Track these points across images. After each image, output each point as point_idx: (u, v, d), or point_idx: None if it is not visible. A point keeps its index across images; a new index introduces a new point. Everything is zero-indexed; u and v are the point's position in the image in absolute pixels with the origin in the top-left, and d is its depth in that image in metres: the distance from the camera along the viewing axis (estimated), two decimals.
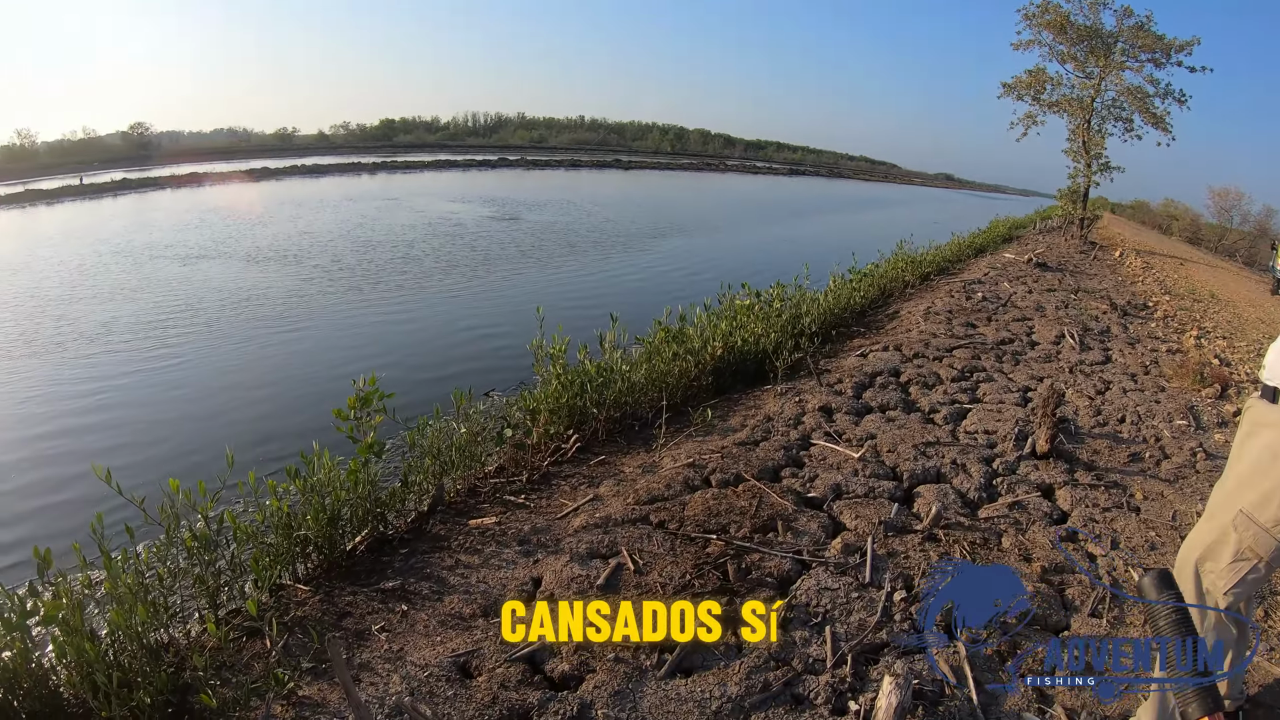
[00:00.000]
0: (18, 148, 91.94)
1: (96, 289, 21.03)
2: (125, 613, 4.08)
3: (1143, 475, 7.57)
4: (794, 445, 7.63)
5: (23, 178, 66.89)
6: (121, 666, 3.98)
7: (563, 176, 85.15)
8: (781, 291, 12.49)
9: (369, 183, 68.03)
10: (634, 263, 27.72)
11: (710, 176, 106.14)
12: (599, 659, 4.33)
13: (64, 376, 13.52)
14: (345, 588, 5.26)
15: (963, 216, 56.09)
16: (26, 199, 52.42)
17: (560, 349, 8.10)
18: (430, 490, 6.50)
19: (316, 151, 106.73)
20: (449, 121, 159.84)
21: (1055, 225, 39.80)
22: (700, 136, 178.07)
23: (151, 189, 60.37)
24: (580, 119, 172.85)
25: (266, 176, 70.14)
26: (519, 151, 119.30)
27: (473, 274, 23.58)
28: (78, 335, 15.97)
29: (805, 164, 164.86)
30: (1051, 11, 34.47)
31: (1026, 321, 14.63)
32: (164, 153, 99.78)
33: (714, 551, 5.42)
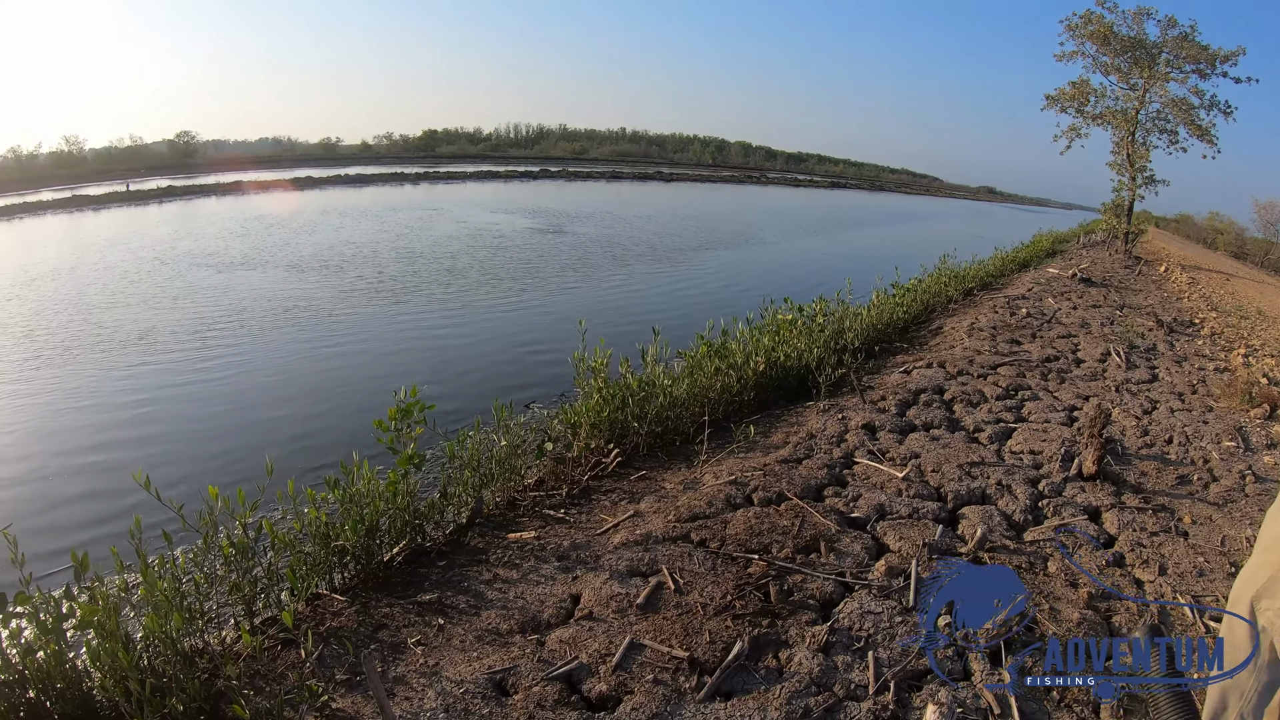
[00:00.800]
0: (66, 154, 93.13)
1: (140, 295, 21.22)
2: (160, 619, 4.07)
3: (1191, 498, 7.42)
4: (837, 463, 7.55)
5: (71, 183, 67.92)
6: (155, 672, 3.98)
7: (604, 188, 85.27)
8: (824, 306, 12.42)
9: (411, 192, 68.46)
10: (676, 275, 27.65)
11: (751, 189, 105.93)
12: (637, 680, 4.26)
13: (105, 382, 13.62)
14: (382, 599, 5.23)
15: (1006, 230, 55.67)
16: (74, 204, 53.07)
17: (602, 362, 8.06)
18: (469, 503, 6.48)
19: (360, 161, 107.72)
20: (491, 132, 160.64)
21: (1099, 239, 39.37)
22: (741, 149, 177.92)
23: (197, 196, 61.00)
24: (621, 131, 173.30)
25: (310, 185, 70.71)
26: (560, 163, 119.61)
27: (515, 286, 23.59)
28: (120, 341, 16.10)
29: (846, 177, 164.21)
30: (1094, 22, 34.07)
31: (1071, 338, 14.45)
32: (209, 160, 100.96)
33: (756, 572, 5.34)
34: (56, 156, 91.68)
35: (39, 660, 3.96)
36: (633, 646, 4.49)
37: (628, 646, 4.47)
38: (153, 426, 11.47)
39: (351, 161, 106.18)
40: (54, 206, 51.61)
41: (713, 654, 4.44)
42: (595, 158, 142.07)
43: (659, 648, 4.47)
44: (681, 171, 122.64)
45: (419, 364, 14.76)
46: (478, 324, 18.61)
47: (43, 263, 26.68)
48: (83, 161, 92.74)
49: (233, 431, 11.25)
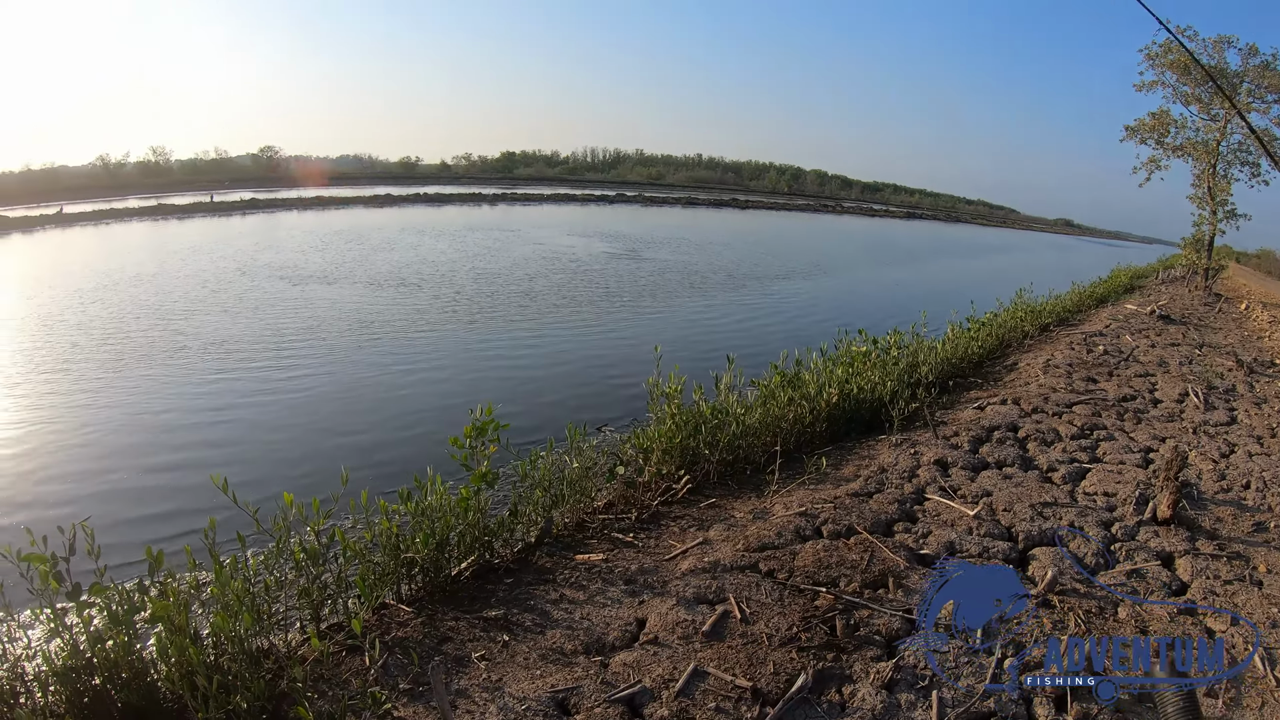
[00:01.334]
0: (153, 164, 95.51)
1: (220, 304, 21.79)
2: (230, 618, 4.17)
3: (1267, 546, 7.21)
4: (908, 499, 7.48)
5: (157, 193, 69.57)
6: (220, 669, 4.07)
7: (680, 214, 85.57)
8: (899, 339, 12.35)
9: (489, 213, 69.26)
10: (751, 304, 27.63)
11: (826, 218, 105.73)
12: (699, 707, 4.25)
13: (183, 388, 13.99)
14: (448, 612, 5.29)
15: (1083, 264, 54.99)
16: (159, 212, 54.43)
17: (676, 388, 8.05)
18: (539, 522, 6.53)
19: (438, 181, 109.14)
20: (568, 156, 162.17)
21: (1178, 275, 38.68)
22: (817, 177, 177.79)
23: (279, 209, 62.30)
24: (698, 157, 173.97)
25: (390, 203, 71.82)
26: (637, 188, 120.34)
27: (590, 310, 23.76)
28: (199, 349, 16.54)
29: (922, 207, 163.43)
30: (1175, 51, 33.40)
31: (1149, 378, 14.21)
32: (291, 175, 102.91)
33: (823, 605, 5.31)
34: (144, 166, 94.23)
35: (107, 649, 4.07)
36: (696, 674, 4.48)
37: (691, 673, 4.46)
38: (228, 433, 11.71)
39: (430, 181, 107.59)
40: (140, 214, 52.96)
41: (776, 685, 4.42)
42: (671, 183, 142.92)
43: (722, 676, 4.46)
44: (757, 199, 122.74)
45: (493, 384, 14.89)
46: (553, 346, 18.77)
47: (126, 268, 27.40)
48: (169, 171, 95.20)
49: (306, 442, 11.44)
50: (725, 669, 4.53)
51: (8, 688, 4.01)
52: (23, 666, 4.15)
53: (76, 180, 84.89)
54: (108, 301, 21.45)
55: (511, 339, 19.25)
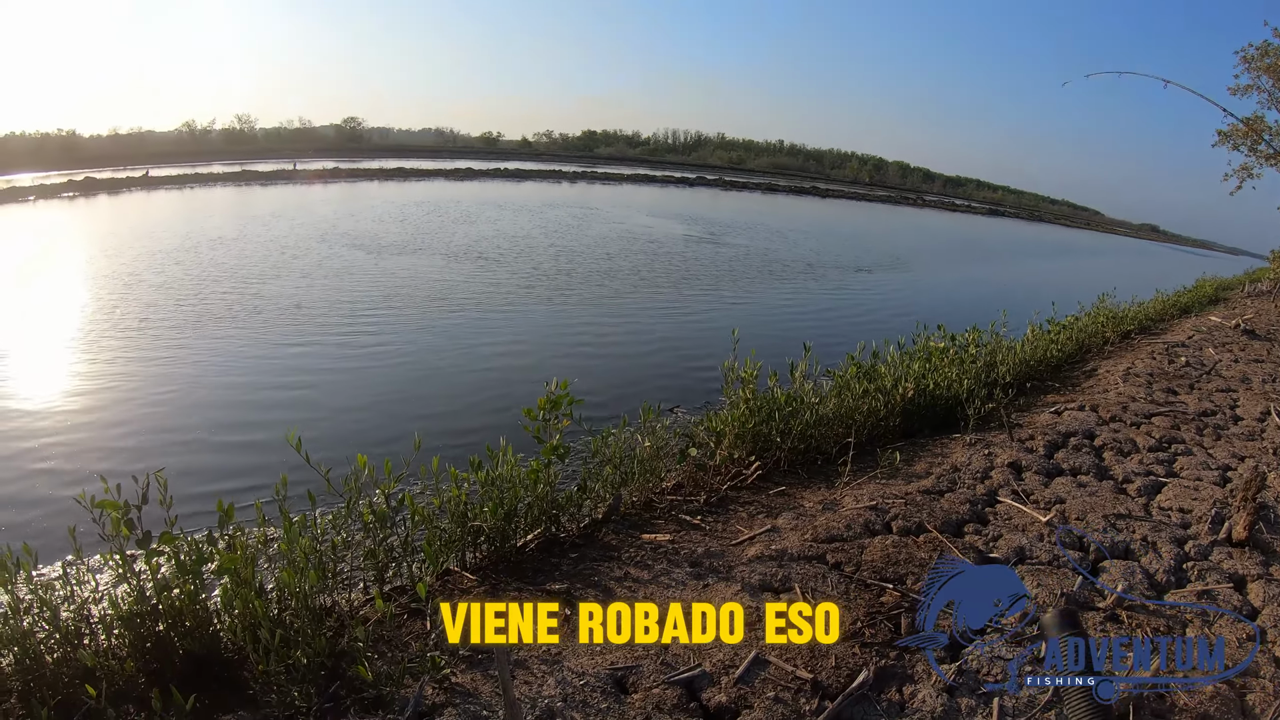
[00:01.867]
0: (237, 131, 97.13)
1: (299, 269, 22.19)
2: (296, 574, 4.23)
3: None
4: (979, 500, 7.37)
5: (241, 159, 71.04)
6: (284, 624, 4.14)
7: (759, 200, 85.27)
8: (977, 336, 12.17)
9: (568, 190, 69.51)
10: (828, 294, 27.49)
11: (907, 211, 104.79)
12: (758, 695, 4.23)
13: (259, 350, 14.25)
14: (511, 582, 5.35)
15: (1167, 272, 54.00)
16: (243, 179, 55.38)
17: (752, 374, 8.03)
18: (607, 499, 6.54)
19: (519, 157, 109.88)
20: (649, 137, 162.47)
21: (1265, 289, 37.53)
22: (899, 169, 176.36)
23: (360, 179, 63.05)
24: (779, 143, 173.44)
25: (470, 177, 72.36)
26: (717, 171, 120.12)
27: (669, 291, 23.79)
28: (277, 313, 16.85)
29: (1005, 204, 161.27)
30: (1272, 55, 32.31)
31: (1231, 393, 13.88)
32: (373, 146, 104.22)
33: (889, 601, 5.25)
34: (228, 133, 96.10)
35: (172, 597, 4.17)
36: (757, 661, 4.46)
37: (752, 661, 4.44)
38: (303, 396, 11.89)
39: (511, 157, 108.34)
40: (223, 179, 53.96)
41: (837, 679, 4.38)
42: (751, 169, 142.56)
43: (784, 666, 4.43)
44: (837, 188, 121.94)
45: (568, 360, 14.95)
46: (629, 326, 18.81)
47: (207, 231, 27.91)
48: (253, 139, 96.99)
49: (380, 409, 11.58)
50: (787, 659, 4.49)
51: (73, 629, 4.10)
52: (89, 609, 4.25)
53: (163, 145, 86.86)
54: (188, 263, 21.91)
55: (588, 316, 19.32)
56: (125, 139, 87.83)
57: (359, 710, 3.94)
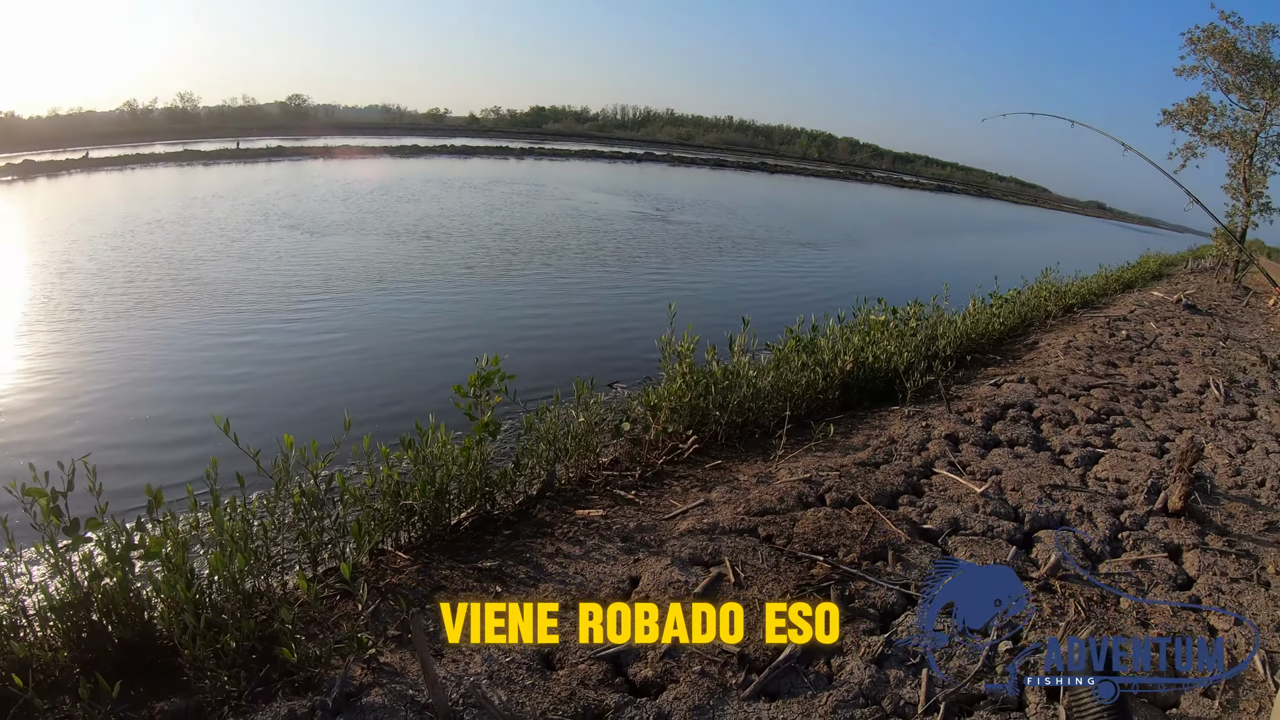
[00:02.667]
0: (180, 110, 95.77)
1: (238, 252, 21.74)
2: (224, 558, 4.20)
3: (1277, 547, 7.12)
4: (915, 472, 7.40)
5: (184, 138, 69.96)
6: (215, 608, 4.10)
7: (708, 175, 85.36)
8: (918, 310, 12.20)
9: (515, 167, 69.23)
10: (774, 270, 27.50)
11: (856, 187, 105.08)
12: (684, 669, 4.23)
13: (194, 335, 13.96)
14: (444, 561, 5.30)
15: (1112, 248, 54.52)
16: (185, 158, 54.62)
17: (689, 348, 8.00)
18: (541, 475, 6.50)
19: (466, 133, 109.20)
20: (598, 113, 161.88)
21: (1208, 266, 38.08)
22: (848, 145, 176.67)
23: (304, 158, 62.51)
24: (728, 119, 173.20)
25: (416, 154, 71.86)
26: (665, 147, 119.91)
27: (613, 267, 23.69)
28: (213, 296, 16.48)
29: (953, 181, 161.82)
30: (1218, 37, 32.79)
31: (1170, 366, 14.03)
32: (319, 124, 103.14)
33: (819, 573, 5.26)
34: (171, 112, 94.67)
35: (104, 586, 4.07)
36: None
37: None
38: (238, 381, 11.70)
39: (458, 133, 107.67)
40: (165, 159, 53.17)
41: (763, 652, 4.38)
42: (700, 144, 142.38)
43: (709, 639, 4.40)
44: (786, 164, 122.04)
45: (512, 340, 14.77)
46: (574, 303, 18.67)
47: (146, 214, 27.42)
48: (196, 118, 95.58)
49: (316, 391, 11.44)
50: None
51: (7, 622, 4.00)
52: (24, 600, 4.14)
53: (104, 126, 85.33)
54: (124, 248, 21.42)
55: (534, 295, 19.16)
56: (66, 120, 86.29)
57: (289, 692, 3.89)
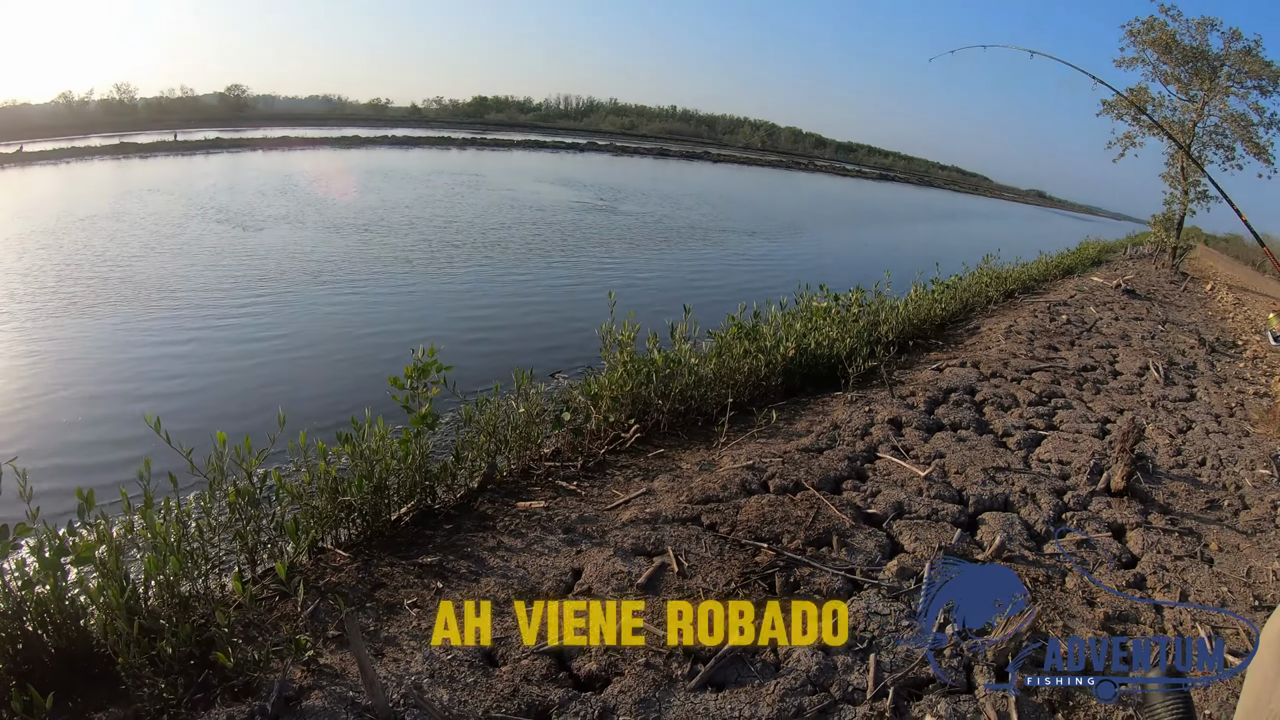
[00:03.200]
0: (117, 102, 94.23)
1: (173, 247, 21.29)
2: (158, 562, 4.06)
3: (1219, 525, 7.19)
4: (859, 457, 7.39)
5: (120, 131, 68.80)
6: (151, 614, 3.97)
7: (651, 165, 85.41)
8: (860, 296, 12.23)
9: (457, 158, 68.79)
10: (717, 258, 27.55)
11: (799, 176, 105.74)
12: (629, 662, 4.17)
13: (128, 333, 13.65)
14: (384, 558, 5.20)
15: (1052, 235, 55.22)
16: (121, 151, 53.75)
17: (629, 336, 7.94)
18: (482, 468, 6.40)
19: (408, 124, 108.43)
20: (541, 103, 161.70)
21: (1146, 252, 38.68)
22: (791, 135, 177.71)
23: (243, 149, 61.70)
24: (672, 109, 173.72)
25: (357, 145, 71.29)
26: (608, 137, 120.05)
27: (555, 258, 23.58)
28: (147, 293, 16.10)
29: (895, 170, 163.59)
30: (1157, 29, 33.30)
31: (1110, 349, 14.19)
32: (259, 115, 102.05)
33: (763, 561, 5.22)
34: (108, 104, 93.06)
35: (40, 594, 3.95)
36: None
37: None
38: (172, 381, 11.44)
39: (399, 124, 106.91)
40: (101, 153, 52.22)
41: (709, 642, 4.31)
42: (644, 134, 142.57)
43: (655, 631, 4.35)
44: (729, 153, 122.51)
45: (454, 332, 14.65)
46: (516, 294, 18.53)
47: (79, 210, 26.83)
48: (133, 110, 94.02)
49: (253, 388, 11.25)
50: (657, 624, 4.42)
51: None
52: None
53: (39, 119, 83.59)
54: (55, 246, 20.84)
55: (476, 288, 18.97)
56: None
57: (227, 698, 3.79)
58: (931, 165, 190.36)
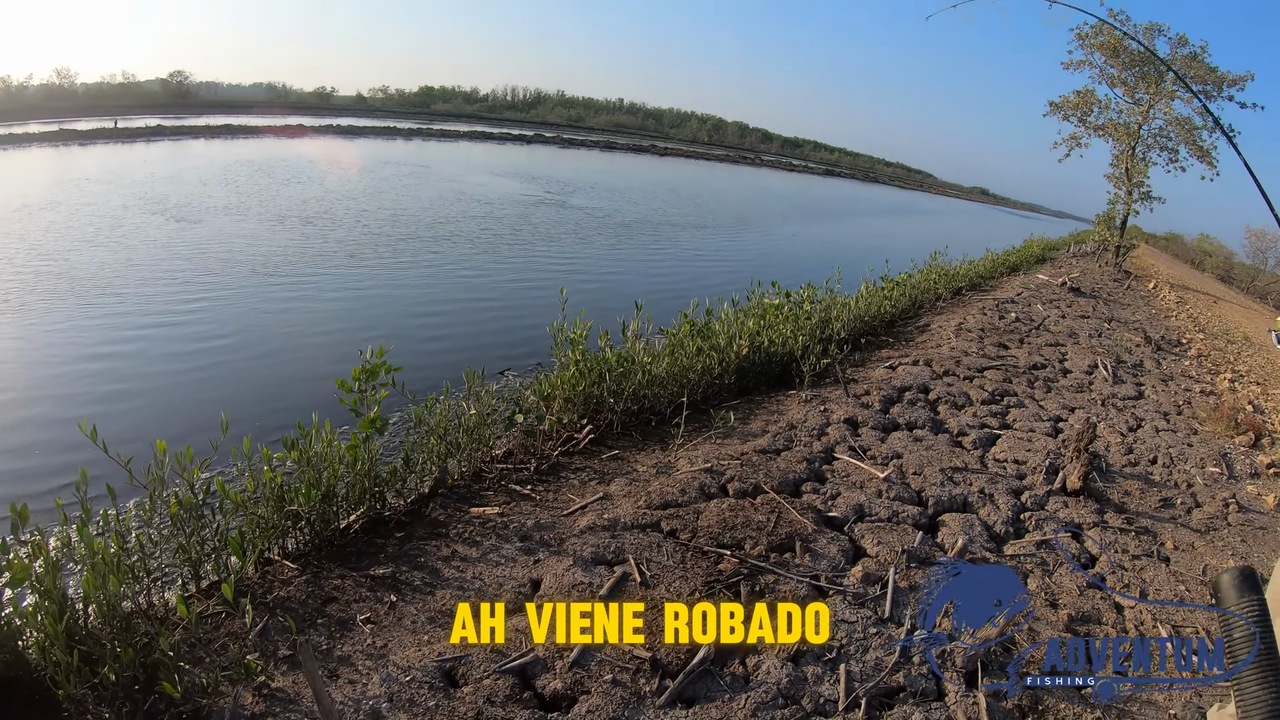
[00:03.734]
0: (56, 87, 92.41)
1: (110, 239, 20.63)
2: (98, 580, 3.84)
3: (1174, 523, 7.28)
4: (817, 458, 7.31)
5: (59, 117, 67.44)
6: (92, 636, 3.76)
7: (597, 157, 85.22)
8: (812, 293, 12.17)
9: (404, 148, 68.27)
10: (664, 253, 27.41)
11: (745, 170, 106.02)
12: (595, 679, 4.04)
13: (61, 332, 13.10)
14: (334, 569, 5.00)
15: (996, 232, 55.79)
16: (60, 138, 52.57)
17: (581, 334, 7.83)
18: (433, 472, 6.23)
19: (353, 113, 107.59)
20: (488, 94, 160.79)
21: (1089, 250, 39.26)
22: (738, 129, 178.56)
23: (185, 137, 60.72)
24: (619, 101, 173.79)
25: (301, 134, 70.46)
26: (555, 129, 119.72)
27: (503, 253, 23.25)
28: (81, 288, 15.51)
29: (841, 166, 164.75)
30: (1105, 33, 33.81)
31: (1059, 347, 14.30)
32: (201, 102, 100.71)
33: (726, 569, 5.12)
34: (47, 89, 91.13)
35: None
36: (592, 642, 4.23)
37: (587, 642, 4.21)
38: (109, 379, 11.07)
39: (345, 112, 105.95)
40: (40, 139, 51.06)
41: (677, 656, 4.22)
42: (591, 126, 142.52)
43: (621, 645, 4.22)
44: (675, 147, 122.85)
45: (401, 328, 14.39)
46: (465, 291, 18.23)
47: (12, 199, 26.08)
48: (73, 96, 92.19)
49: (193, 389, 10.88)
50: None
51: None
52: None
53: None
54: None
55: (423, 283, 18.62)
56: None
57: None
58: (877, 162, 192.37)
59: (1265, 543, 7.21)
